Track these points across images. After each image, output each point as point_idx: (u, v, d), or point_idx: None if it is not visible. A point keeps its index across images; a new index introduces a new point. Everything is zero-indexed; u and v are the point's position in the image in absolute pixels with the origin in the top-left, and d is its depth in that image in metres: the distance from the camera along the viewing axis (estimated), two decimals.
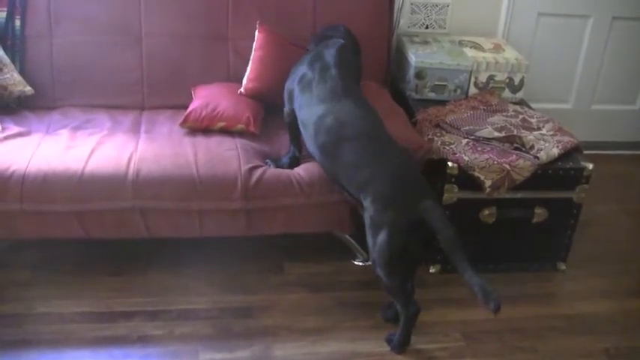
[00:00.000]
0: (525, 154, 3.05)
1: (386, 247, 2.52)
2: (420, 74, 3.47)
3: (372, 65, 3.44)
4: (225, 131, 3.08)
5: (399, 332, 2.73)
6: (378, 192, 2.55)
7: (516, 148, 3.09)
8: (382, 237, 2.52)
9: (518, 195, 3.07)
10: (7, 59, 3.17)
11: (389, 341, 2.77)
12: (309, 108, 2.78)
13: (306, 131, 2.80)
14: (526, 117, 3.35)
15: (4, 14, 3.22)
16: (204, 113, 3.06)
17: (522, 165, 3.00)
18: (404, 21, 3.76)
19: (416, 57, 3.48)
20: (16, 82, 3.18)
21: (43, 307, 2.84)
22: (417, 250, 2.59)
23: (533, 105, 3.60)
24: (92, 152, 2.86)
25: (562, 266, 3.29)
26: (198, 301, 2.93)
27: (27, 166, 2.76)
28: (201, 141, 3.01)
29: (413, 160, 2.72)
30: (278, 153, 3.04)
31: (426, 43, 3.67)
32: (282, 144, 3.04)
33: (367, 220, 2.58)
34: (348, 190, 2.71)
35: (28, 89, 3.20)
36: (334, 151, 2.67)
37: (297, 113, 2.86)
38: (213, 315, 2.86)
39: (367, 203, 2.57)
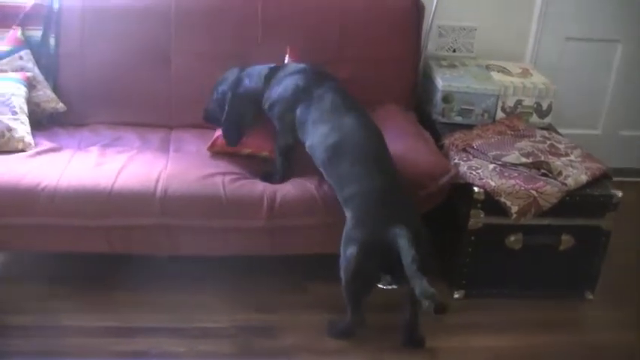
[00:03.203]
0: (553, 181, 3.03)
1: (352, 261, 2.62)
2: (446, 98, 3.46)
3: (399, 88, 3.50)
4: (251, 157, 3.12)
5: (343, 325, 2.85)
6: (357, 209, 2.67)
7: (544, 174, 3.07)
8: (350, 251, 2.62)
9: (545, 221, 3.04)
10: (41, 77, 3.25)
11: (331, 323, 2.90)
12: (315, 129, 2.88)
13: (312, 150, 2.90)
14: (554, 143, 3.32)
15: (39, 33, 3.30)
16: None
17: (549, 191, 2.98)
18: (431, 44, 3.77)
19: (443, 80, 3.48)
20: (49, 99, 3.25)
21: (66, 319, 2.88)
22: (381, 271, 2.72)
23: (561, 130, 3.58)
24: (121, 169, 2.91)
25: (589, 295, 3.24)
26: (220, 319, 2.94)
27: (58, 181, 2.81)
28: (229, 161, 3.06)
29: (402, 184, 2.75)
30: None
31: (453, 66, 3.67)
32: (306, 172, 3.03)
33: (344, 233, 2.68)
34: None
35: (60, 106, 3.27)
36: (329, 165, 2.80)
37: (303, 137, 2.95)
38: (234, 333, 2.87)
39: (348, 217, 2.68)
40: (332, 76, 3.05)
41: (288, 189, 2.92)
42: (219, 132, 3.11)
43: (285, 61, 3.24)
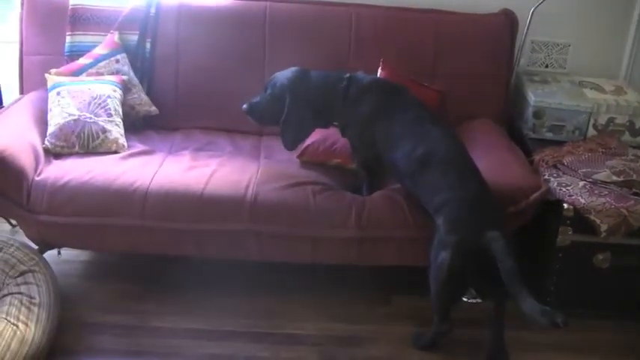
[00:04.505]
0: None
1: (445, 266, 2.60)
2: (538, 114, 3.42)
3: (490, 103, 3.48)
4: (340, 168, 3.14)
5: (429, 336, 2.87)
6: (451, 215, 2.66)
7: (635, 194, 3.01)
8: (443, 256, 2.61)
9: (636, 241, 2.98)
10: (136, 80, 3.33)
11: (417, 335, 2.91)
12: (399, 143, 2.86)
13: (394, 166, 2.90)
14: None
15: (136, 37, 3.38)
16: (321, 148, 3.13)
17: None
18: (524, 59, 3.73)
19: (535, 96, 3.44)
20: (143, 102, 3.33)
21: (156, 320, 2.94)
22: (472, 278, 2.68)
23: None
24: (213, 174, 2.95)
25: None
26: (305, 327, 2.96)
27: (150, 184, 2.87)
28: (318, 170, 3.09)
29: (490, 191, 2.74)
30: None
31: (545, 82, 3.63)
32: (395, 184, 3.03)
33: (435, 240, 2.68)
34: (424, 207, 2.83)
35: (154, 109, 3.35)
36: (418, 175, 2.79)
37: (384, 152, 2.92)
38: (318, 342, 2.89)
39: (439, 223, 2.68)
40: (408, 90, 3.02)
41: (377, 200, 2.93)
42: (308, 141, 3.14)
43: (378, 75, 3.24)
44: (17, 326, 2.53)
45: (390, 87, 3.02)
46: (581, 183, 3.07)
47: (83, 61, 3.29)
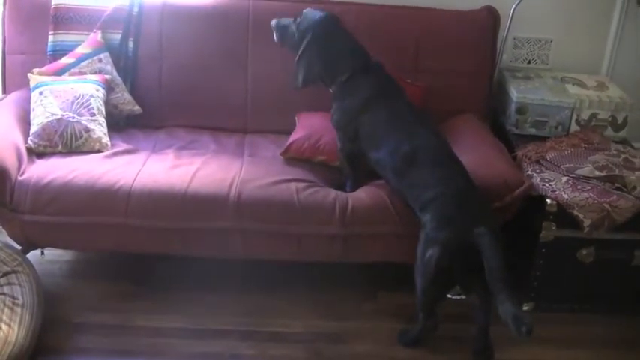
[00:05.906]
0: (627, 195, 2.99)
1: (433, 263, 2.60)
2: (521, 109, 3.43)
3: (473, 98, 3.48)
4: (325, 165, 3.14)
5: (414, 332, 2.88)
6: (439, 212, 2.65)
7: (617, 189, 3.03)
8: (431, 252, 2.61)
9: (619, 236, 3.01)
10: (119, 79, 3.32)
11: (402, 331, 2.91)
12: (385, 140, 2.86)
13: (379, 163, 2.90)
14: (628, 157, 3.26)
15: (119, 36, 3.37)
16: (305, 145, 3.12)
17: (623, 206, 2.94)
18: (506, 55, 3.74)
19: (518, 92, 3.45)
20: (126, 101, 3.31)
21: (142, 319, 2.93)
22: (459, 275, 2.68)
23: (636, 145, 3.51)
24: (196, 172, 2.95)
25: None
26: (291, 324, 2.96)
27: (133, 182, 2.87)
28: (302, 167, 3.09)
29: (476, 187, 2.75)
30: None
31: (527, 78, 3.64)
32: (380, 180, 3.03)
33: (422, 237, 2.67)
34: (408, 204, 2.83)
35: (137, 108, 3.34)
36: (403, 173, 2.79)
37: (369, 148, 2.93)
38: (304, 339, 2.89)
39: (426, 220, 2.67)
40: (402, 91, 3.02)
41: (361, 197, 2.93)
42: (292, 138, 3.15)
43: None
44: (0, 327, 2.51)
45: (385, 87, 2.99)
46: (564, 178, 3.08)
47: (66, 60, 3.28)
